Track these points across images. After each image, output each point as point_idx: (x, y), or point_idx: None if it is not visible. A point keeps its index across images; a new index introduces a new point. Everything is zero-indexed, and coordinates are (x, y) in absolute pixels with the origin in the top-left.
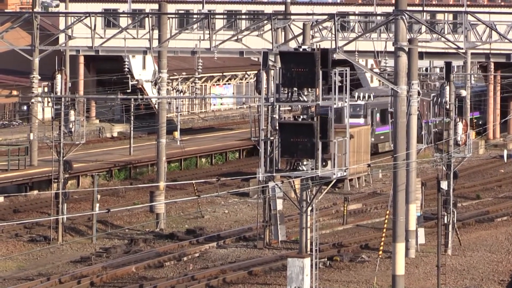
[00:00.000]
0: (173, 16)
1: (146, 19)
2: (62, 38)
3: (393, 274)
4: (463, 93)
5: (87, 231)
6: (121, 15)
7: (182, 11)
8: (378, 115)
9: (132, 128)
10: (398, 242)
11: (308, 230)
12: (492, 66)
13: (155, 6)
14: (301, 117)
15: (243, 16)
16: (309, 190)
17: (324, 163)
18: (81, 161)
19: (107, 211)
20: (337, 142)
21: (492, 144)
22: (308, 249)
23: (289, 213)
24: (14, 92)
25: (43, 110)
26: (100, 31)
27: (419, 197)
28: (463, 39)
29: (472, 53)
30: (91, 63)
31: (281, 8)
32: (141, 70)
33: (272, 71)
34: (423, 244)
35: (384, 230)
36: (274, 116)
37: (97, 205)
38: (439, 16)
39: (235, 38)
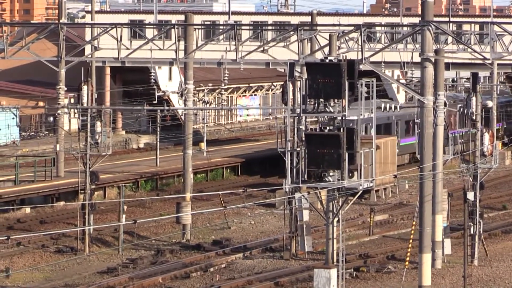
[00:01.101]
0: (199, 27)
1: (172, 30)
2: (88, 49)
3: (419, 284)
4: (490, 104)
5: (114, 242)
6: (147, 26)
7: (208, 22)
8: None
9: (158, 139)
10: (424, 253)
11: (335, 241)
12: None
13: (181, 17)
14: (328, 128)
15: (269, 27)
16: (335, 201)
17: (350, 174)
18: (108, 172)
19: (133, 222)
20: (363, 153)
21: None
22: (335, 259)
23: (316, 224)
24: (41, 103)
25: (69, 121)
26: (126, 42)
27: (446, 207)
28: (489, 49)
29: (498, 64)
30: (117, 74)
31: (307, 19)
32: (167, 81)
33: (299, 82)
34: (450, 254)
35: (411, 240)
36: (300, 127)
37: (124, 216)
38: (466, 27)
39: (261, 49)
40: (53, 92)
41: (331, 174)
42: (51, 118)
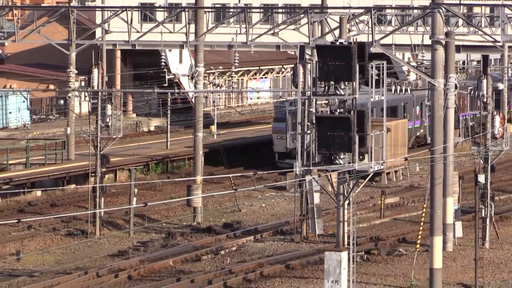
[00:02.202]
0: (210, 10)
1: (183, 13)
2: (98, 32)
3: (431, 267)
4: (500, 86)
5: (125, 225)
6: (157, 9)
7: (219, 5)
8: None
9: (169, 122)
10: (435, 236)
11: (345, 223)
12: None
13: (192, 0)
14: (338, 110)
15: (280, 10)
16: (346, 183)
17: (361, 157)
18: (118, 155)
19: (144, 205)
20: (374, 135)
21: None
22: (346, 242)
23: (326, 207)
24: (51, 87)
25: (80, 104)
26: (137, 25)
27: (457, 190)
28: (500, 32)
29: (509, 46)
30: (127, 57)
31: (318, 1)
32: (178, 64)
33: (309, 65)
34: (461, 237)
35: (422, 223)
36: (311, 109)
37: (134, 199)
38: (476, 9)
39: (272, 32)
40: (64, 75)
41: (341, 156)
42: (62, 101)
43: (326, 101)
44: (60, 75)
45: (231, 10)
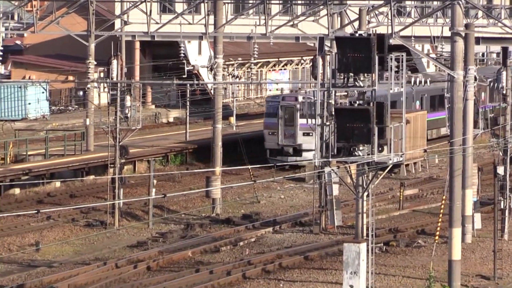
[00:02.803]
0: (229, 1)
1: (202, 4)
2: (117, 23)
3: (450, 259)
4: None
5: (144, 216)
6: (176, 1)
7: None
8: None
9: (188, 114)
10: (454, 227)
11: (364, 215)
12: None
13: None
14: (357, 102)
15: (299, 1)
16: (365, 175)
17: (380, 149)
18: (137, 146)
19: (163, 196)
20: (393, 127)
21: None
22: (364, 234)
23: (345, 198)
24: (70, 78)
25: (99, 95)
26: (156, 17)
27: (476, 182)
28: None
29: None
30: (146, 49)
31: None
32: (197, 55)
33: (328, 57)
34: (480, 229)
35: (441, 215)
36: (330, 101)
37: (153, 190)
38: (496, 1)
39: (291, 23)
40: (83, 66)
41: (361, 148)
42: (81, 92)
43: (345, 93)
44: (79, 66)
45: (250, 1)
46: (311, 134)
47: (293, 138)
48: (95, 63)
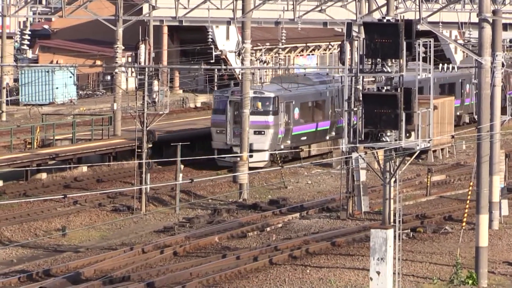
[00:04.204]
0: None
1: None
2: (145, 8)
3: (477, 245)
4: None
5: (170, 201)
6: None
7: None
8: (297, 110)
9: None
10: (481, 214)
11: (392, 201)
12: None
13: None
14: (385, 88)
15: None
16: (392, 161)
17: (407, 134)
18: (165, 131)
19: (190, 181)
20: (421, 113)
21: None
22: (392, 220)
23: (372, 184)
24: (98, 62)
25: (126, 80)
26: (184, 1)
27: (503, 168)
28: None
29: None
30: (174, 34)
31: None
32: (225, 40)
33: (356, 42)
34: (507, 216)
35: (468, 201)
36: (357, 87)
37: (181, 175)
38: None
39: (319, 8)
40: (111, 51)
41: (388, 134)
42: (109, 77)
43: (373, 78)
44: (106, 51)
45: None
46: (263, 132)
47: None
48: (123, 47)
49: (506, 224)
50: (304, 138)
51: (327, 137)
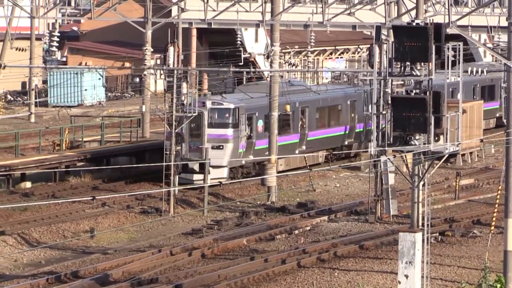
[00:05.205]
0: None
1: None
2: (174, 10)
3: (505, 249)
4: None
5: (199, 204)
6: None
7: None
8: (261, 122)
9: None
10: (510, 218)
11: (420, 204)
12: None
13: None
14: (414, 91)
15: None
16: (421, 164)
17: (436, 138)
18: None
19: (219, 184)
20: (449, 116)
21: None
22: (420, 223)
23: (401, 188)
24: (127, 64)
25: (155, 82)
26: (213, 4)
27: None
28: None
29: None
30: (203, 36)
31: None
32: (254, 43)
33: (385, 45)
34: None
35: (496, 205)
36: (386, 90)
37: (209, 177)
38: None
39: (348, 11)
40: (140, 53)
41: (417, 137)
42: (137, 79)
43: (402, 82)
44: (135, 53)
45: None
46: (221, 147)
47: (199, 152)
48: (152, 50)
49: None
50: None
51: (297, 151)
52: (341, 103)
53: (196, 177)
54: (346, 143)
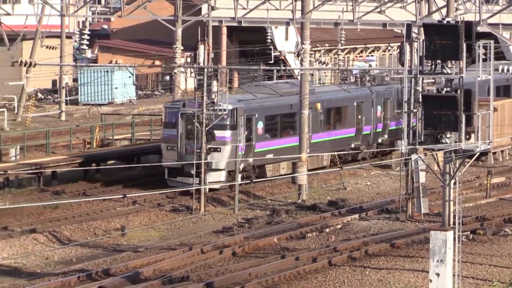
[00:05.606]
0: None
1: None
2: (204, 8)
3: None
4: None
5: (229, 202)
6: None
7: None
8: (261, 124)
9: None
10: None
11: (451, 203)
12: None
13: None
14: (445, 89)
15: None
16: (452, 163)
17: (467, 136)
18: None
19: (249, 182)
20: (480, 115)
21: None
22: (451, 222)
23: (432, 186)
24: (157, 62)
25: (185, 80)
26: (243, 2)
27: None
28: None
29: None
30: (233, 34)
31: None
32: (284, 41)
33: (416, 43)
34: None
35: None
36: (417, 88)
37: (239, 175)
38: None
39: (378, 9)
40: (170, 51)
41: (448, 135)
42: (168, 77)
43: (433, 80)
44: (165, 51)
45: None
46: (219, 149)
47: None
48: (182, 48)
49: None
50: (270, 155)
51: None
52: (347, 104)
53: (193, 180)
54: (352, 146)
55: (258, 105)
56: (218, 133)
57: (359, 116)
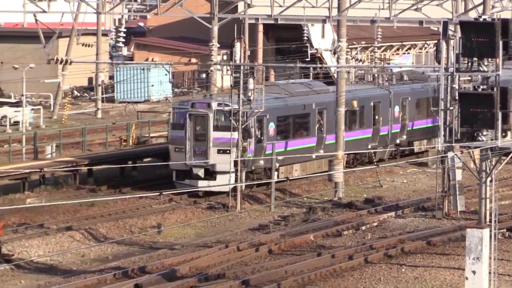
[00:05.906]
0: None
1: None
2: (241, 6)
3: None
4: None
5: (266, 199)
6: None
7: None
8: (272, 125)
9: None
10: None
11: (488, 200)
12: None
13: None
14: (481, 87)
15: None
16: (488, 160)
17: (503, 134)
18: None
19: (286, 179)
20: None
21: None
22: (487, 219)
23: (468, 184)
24: (193, 60)
25: (222, 78)
26: (279, 0)
27: None
28: None
29: None
30: (270, 32)
31: None
32: (320, 39)
33: (452, 41)
34: None
35: None
36: (454, 86)
37: (276, 173)
38: None
39: (415, 7)
40: (206, 49)
41: (484, 133)
42: (204, 75)
43: (469, 78)
44: (202, 49)
45: None
46: (228, 151)
47: (204, 157)
48: (218, 45)
49: None
50: (282, 157)
51: (314, 156)
52: (363, 104)
53: (201, 183)
54: (369, 147)
55: (269, 105)
56: (227, 134)
57: (376, 117)
